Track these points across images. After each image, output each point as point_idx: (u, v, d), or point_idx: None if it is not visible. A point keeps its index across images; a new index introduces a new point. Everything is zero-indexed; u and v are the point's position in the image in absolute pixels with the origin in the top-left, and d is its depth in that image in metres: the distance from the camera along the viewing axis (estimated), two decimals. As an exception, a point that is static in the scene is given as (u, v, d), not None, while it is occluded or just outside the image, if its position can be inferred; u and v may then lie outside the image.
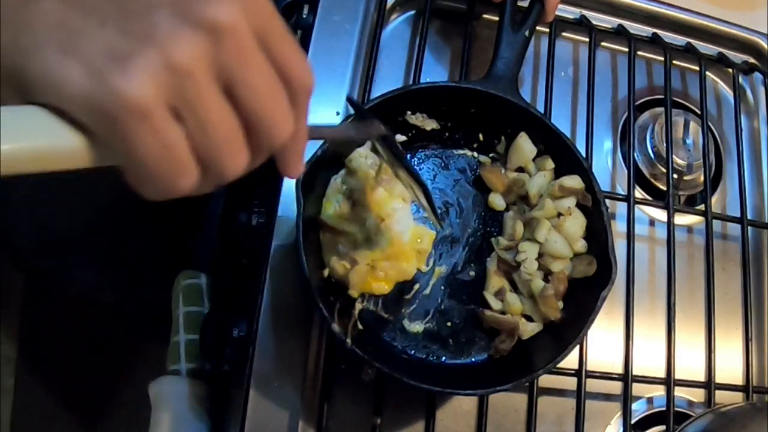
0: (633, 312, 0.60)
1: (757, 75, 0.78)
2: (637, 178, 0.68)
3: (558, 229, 0.55)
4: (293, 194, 0.49)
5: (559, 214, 0.56)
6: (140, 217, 0.79)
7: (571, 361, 0.53)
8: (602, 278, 0.53)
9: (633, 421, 0.59)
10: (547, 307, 0.54)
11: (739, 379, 0.64)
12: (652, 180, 0.69)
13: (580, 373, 0.57)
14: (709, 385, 0.62)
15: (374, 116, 0.45)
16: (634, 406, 0.60)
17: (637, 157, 0.69)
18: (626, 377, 0.59)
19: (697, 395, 0.63)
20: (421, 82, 0.63)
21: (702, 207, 0.68)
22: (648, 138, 0.70)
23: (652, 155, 0.69)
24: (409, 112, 0.57)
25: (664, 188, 0.67)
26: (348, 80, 0.61)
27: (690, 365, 0.63)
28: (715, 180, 0.72)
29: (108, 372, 1.33)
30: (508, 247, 0.56)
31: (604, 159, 0.69)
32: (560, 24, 0.70)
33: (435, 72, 0.66)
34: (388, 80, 0.64)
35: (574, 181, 0.56)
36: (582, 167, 0.56)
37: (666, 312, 0.62)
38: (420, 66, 0.63)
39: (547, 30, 0.69)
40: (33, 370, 1.31)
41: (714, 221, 0.67)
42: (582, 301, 0.54)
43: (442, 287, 0.56)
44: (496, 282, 0.56)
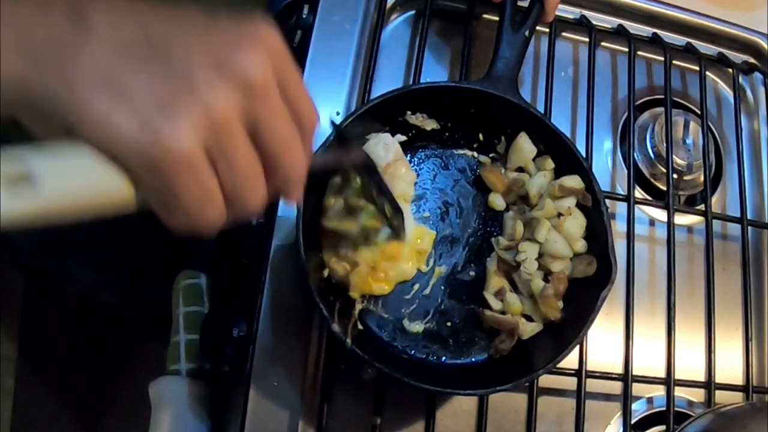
0: (633, 312, 0.60)
1: (757, 75, 0.78)
2: (637, 178, 0.68)
3: (558, 229, 0.55)
4: (293, 194, 0.49)
5: (559, 214, 0.56)
6: (140, 217, 0.79)
7: (571, 361, 0.53)
8: (602, 278, 0.53)
9: (633, 421, 0.59)
10: (547, 307, 0.54)
11: (739, 379, 0.64)
12: (652, 180, 0.69)
13: (580, 373, 0.57)
14: (709, 385, 0.62)
15: (356, 139, 0.47)
16: (634, 406, 0.60)
17: (637, 157, 0.69)
18: (626, 377, 0.59)
19: (697, 395, 0.63)
20: (421, 82, 0.63)
21: (702, 207, 0.68)
22: (648, 138, 0.70)
23: (652, 155, 0.69)
24: (409, 112, 0.57)
25: (664, 188, 0.67)
26: (348, 80, 0.61)
27: (690, 365, 0.63)
28: (715, 180, 0.72)
29: (108, 372, 1.33)
30: (508, 247, 0.56)
31: (604, 159, 0.69)
32: (560, 24, 0.70)
33: (435, 72, 0.66)
34: (388, 80, 0.64)
35: (574, 181, 0.56)
36: (582, 167, 0.56)
37: (666, 312, 0.62)
38: (420, 66, 0.63)
39: (547, 30, 0.69)
40: (33, 370, 1.31)
41: (714, 221, 0.67)
42: (582, 301, 0.54)
43: (442, 287, 0.56)
44: (496, 282, 0.56)
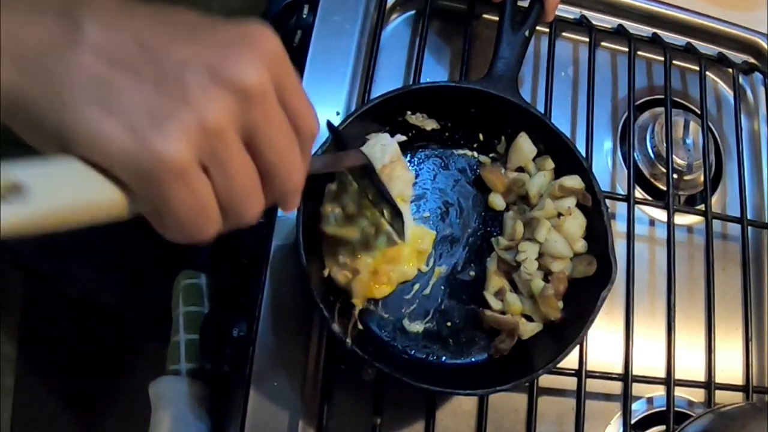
0: (633, 312, 0.60)
1: (757, 75, 0.78)
2: (637, 178, 0.68)
3: (558, 229, 0.55)
4: (293, 194, 0.49)
5: (559, 214, 0.56)
6: (140, 217, 0.79)
7: (571, 361, 0.53)
8: (602, 278, 0.53)
9: (633, 421, 0.59)
10: (547, 307, 0.54)
11: (739, 379, 0.64)
12: (652, 180, 0.69)
13: (580, 373, 0.57)
14: (709, 385, 0.62)
15: (353, 141, 0.46)
16: (634, 406, 0.60)
17: (637, 157, 0.69)
18: (626, 377, 0.59)
19: (697, 395, 0.63)
20: (421, 82, 0.63)
21: (702, 207, 0.68)
22: (648, 138, 0.70)
23: (652, 155, 0.69)
24: (409, 112, 0.57)
25: (664, 188, 0.67)
26: (348, 80, 0.61)
27: (690, 365, 0.63)
28: (715, 180, 0.72)
29: (108, 372, 1.33)
30: (508, 247, 0.56)
31: (604, 159, 0.69)
32: (560, 24, 0.70)
33: (435, 72, 0.66)
34: (388, 80, 0.64)
35: (574, 181, 0.56)
36: (582, 167, 0.56)
37: (666, 312, 0.62)
38: (420, 66, 0.63)
39: (547, 30, 0.69)
40: (33, 370, 1.31)
41: (714, 221, 0.67)
42: (582, 301, 0.54)
43: (442, 287, 0.56)
44: (496, 282, 0.56)
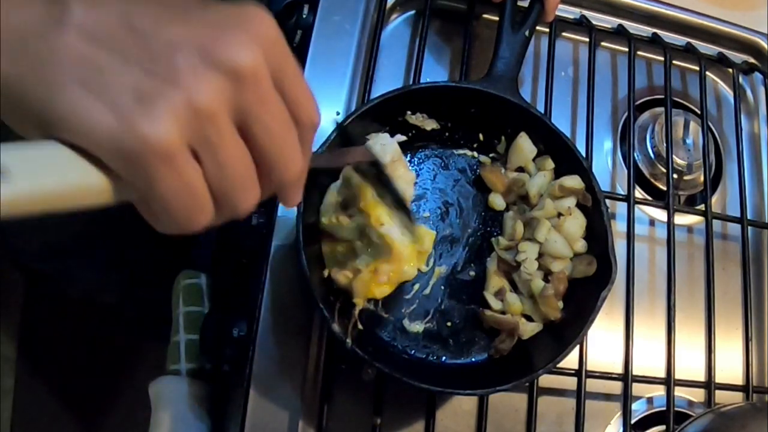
0: (633, 312, 0.60)
1: (757, 75, 0.78)
2: (637, 178, 0.68)
3: (558, 229, 0.55)
4: (293, 194, 0.49)
5: (559, 214, 0.56)
6: (140, 217, 0.79)
7: (571, 361, 0.53)
8: (602, 278, 0.53)
9: (633, 421, 0.59)
10: (547, 307, 0.53)
11: (739, 379, 0.64)
12: (652, 180, 0.69)
13: (580, 373, 0.57)
14: (709, 385, 0.62)
15: (357, 140, 0.46)
16: (634, 406, 0.60)
17: (637, 157, 0.69)
18: (626, 377, 0.59)
19: (697, 395, 0.63)
20: (421, 82, 0.63)
21: (702, 207, 0.68)
22: (648, 138, 0.70)
23: (652, 155, 0.69)
24: (409, 112, 0.57)
25: (664, 188, 0.67)
26: (348, 80, 0.61)
27: (690, 365, 0.63)
28: (715, 180, 0.72)
29: (108, 372, 1.33)
30: (508, 247, 0.56)
31: (604, 159, 0.69)
32: (560, 24, 0.70)
33: (435, 72, 0.66)
34: (388, 80, 0.64)
35: (574, 181, 0.56)
36: (582, 167, 0.56)
37: (666, 312, 0.62)
38: (420, 66, 0.63)
39: (547, 30, 0.69)
40: (33, 370, 1.31)
41: (714, 221, 0.67)
42: (582, 301, 0.54)
43: (442, 287, 0.56)
44: (496, 282, 0.56)
